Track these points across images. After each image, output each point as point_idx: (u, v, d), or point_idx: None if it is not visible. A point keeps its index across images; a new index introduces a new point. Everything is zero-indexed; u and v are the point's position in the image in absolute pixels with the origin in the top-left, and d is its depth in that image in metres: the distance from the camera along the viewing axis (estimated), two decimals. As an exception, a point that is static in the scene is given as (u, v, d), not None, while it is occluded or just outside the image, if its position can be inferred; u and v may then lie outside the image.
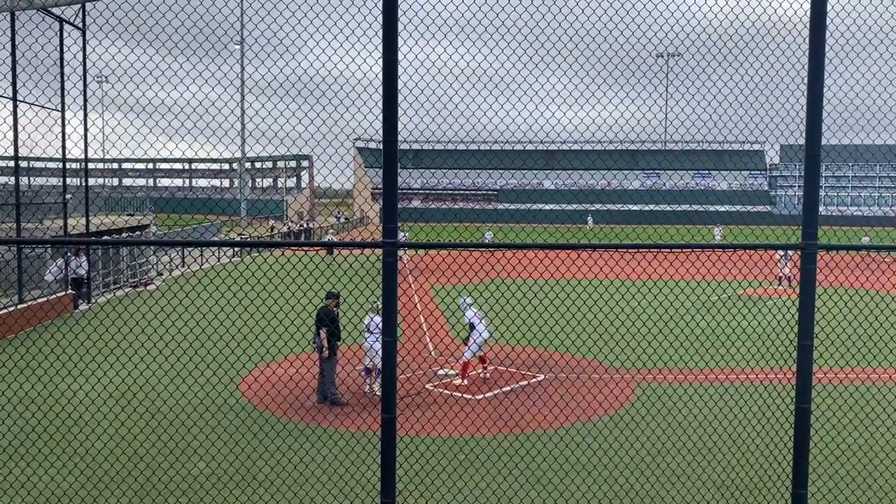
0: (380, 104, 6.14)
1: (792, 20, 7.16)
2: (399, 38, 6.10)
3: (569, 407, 12.35)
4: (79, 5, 18.07)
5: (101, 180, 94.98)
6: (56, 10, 18.20)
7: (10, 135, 19.77)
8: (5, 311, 19.34)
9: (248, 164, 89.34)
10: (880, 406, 12.68)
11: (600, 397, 12.96)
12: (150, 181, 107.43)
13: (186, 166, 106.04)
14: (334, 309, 13.93)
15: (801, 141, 6.59)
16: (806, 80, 6.52)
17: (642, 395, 14.50)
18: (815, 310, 6.44)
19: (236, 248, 41.86)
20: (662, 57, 79.91)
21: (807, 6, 6.49)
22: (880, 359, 16.26)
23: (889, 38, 7.55)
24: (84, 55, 19.55)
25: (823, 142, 6.57)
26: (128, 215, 40.33)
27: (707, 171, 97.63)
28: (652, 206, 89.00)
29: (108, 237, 30.24)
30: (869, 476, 10.13)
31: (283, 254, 30.50)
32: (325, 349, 13.58)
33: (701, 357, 15.03)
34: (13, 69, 19.29)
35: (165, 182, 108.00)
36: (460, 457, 10.80)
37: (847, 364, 16.01)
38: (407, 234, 39.63)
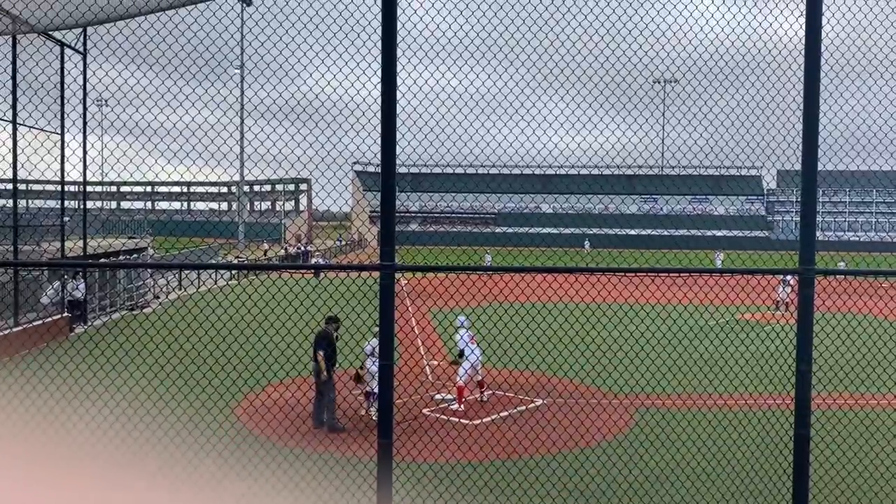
0: (378, 128, 6.17)
1: (787, 47, 7.22)
2: (398, 62, 6.15)
3: (567, 432, 12.25)
4: (80, 29, 18.19)
5: (99, 203, 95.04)
6: (57, 34, 18.31)
7: (10, 157, 19.81)
8: (1, 333, 19.25)
9: (246, 188, 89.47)
10: (880, 432, 12.61)
11: (599, 422, 12.87)
12: (149, 204, 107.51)
13: (185, 189, 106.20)
14: (333, 333, 13.90)
15: (798, 166, 6.62)
16: (802, 106, 6.56)
17: (641, 419, 14.40)
18: (814, 335, 6.42)
19: (233, 271, 41.81)
20: (659, 83, 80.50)
21: (802, 33, 6.56)
22: (879, 384, 16.19)
23: (883, 65, 7.61)
24: (84, 78, 19.65)
25: (820, 167, 6.59)
26: (129, 238, 40.26)
27: (704, 196, 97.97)
28: (649, 231, 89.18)
29: (104, 260, 30.20)
30: (869, 503, 10.04)
31: (280, 276, 30.49)
32: (322, 373, 13.52)
33: (699, 382, 14.96)
34: (13, 92, 19.37)
35: (164, 205, 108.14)
36: (457, 483, 10.69)
37: (846, 389, 15.94)
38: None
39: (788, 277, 29.99)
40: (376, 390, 13.74)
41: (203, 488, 10.24)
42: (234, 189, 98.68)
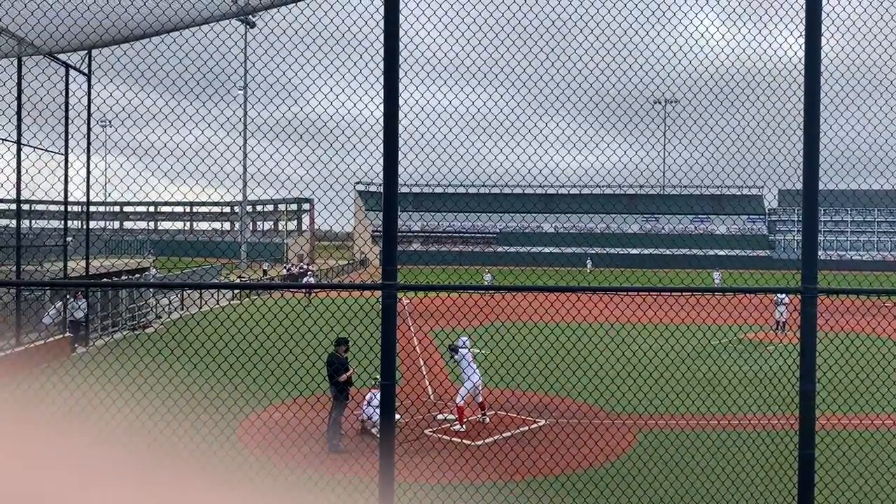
0: (381, 148, 6.20)
1: (788, 66, 7.27)
2: (400, 83, 6.19)
3: (570, 453, 12.18)
4: (85, 51, 18.33)
5: (102, 223, 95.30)
6: (62, 56, 18.44)
7: (14, 177, 19.89)
8: (2, 354, 19.21)
9: (248, 208, 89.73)
10: (885, 452, 12.52)
11: (602, 443, 12.80)
12: (151, 224, 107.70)
13: (187, 209, 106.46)
14: (344, 355, 13.92)
15: (800, 185, 6.64)
16: (803, 125, 6.59)
17: (644, 440, 14.32)
18: (817, 354, 6.40)
19: (235, 291, 41.81)
20: (660, 103, 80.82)
21: (802, 53, 6.60)
22: (883, 404, 16.10)
23: (883, 85, 7.65)
24: (89, 100, 19.78)
25: (821, 186, 6.61)
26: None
27: (706, 216, 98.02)
28: (651, 250, 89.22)
29: (106, 279, 30.21)
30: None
31: (282, 296, 30.50)
32: (347, 390, 13.67)
33: (703, 402, 14.87)
34: (18, 113, 19.49)
35: (166, 225, 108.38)
36: (460, 504, 10.62)
37: (850, 410, 15.85)
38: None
39: (783, 297, 29.89)
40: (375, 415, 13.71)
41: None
42: (236, 209, 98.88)
